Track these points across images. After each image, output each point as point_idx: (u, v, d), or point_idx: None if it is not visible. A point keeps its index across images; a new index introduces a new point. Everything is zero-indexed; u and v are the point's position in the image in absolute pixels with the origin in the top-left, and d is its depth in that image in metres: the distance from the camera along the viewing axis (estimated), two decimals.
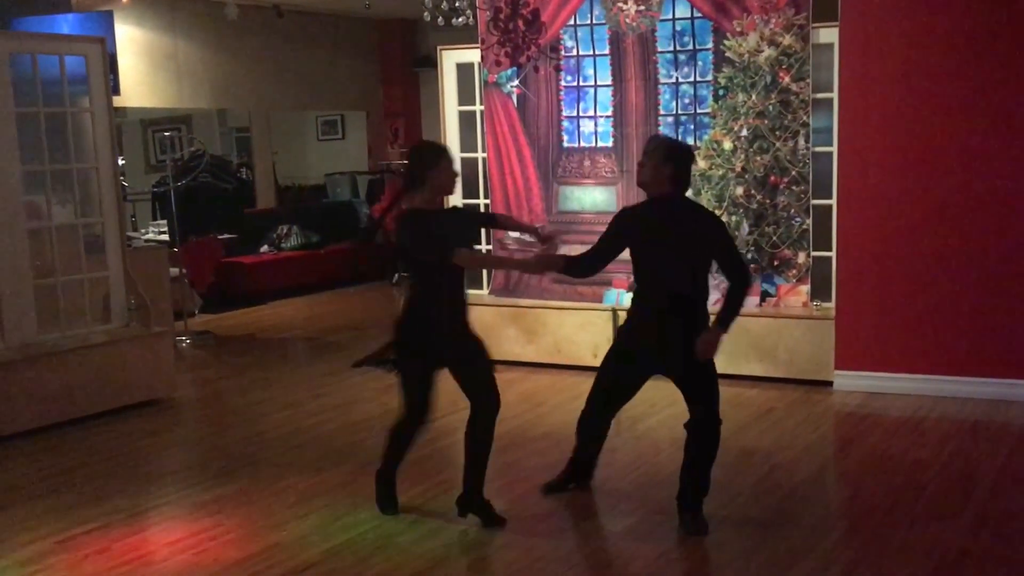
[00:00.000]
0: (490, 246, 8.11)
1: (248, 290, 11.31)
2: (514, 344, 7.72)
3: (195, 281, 10.19)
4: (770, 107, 6.98)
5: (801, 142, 6.94)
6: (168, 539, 4.62)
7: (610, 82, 7.52)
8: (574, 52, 7.60)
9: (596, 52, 7.54)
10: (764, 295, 7.12)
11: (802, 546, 4.25)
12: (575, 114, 7.68)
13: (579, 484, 4.98)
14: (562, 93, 7.69)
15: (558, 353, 7.59)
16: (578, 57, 7.60)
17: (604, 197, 7.63)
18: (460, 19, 9.12)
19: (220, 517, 4.81)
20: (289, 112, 14.12)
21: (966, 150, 6.29)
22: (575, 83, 7.65)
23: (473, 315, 8.20)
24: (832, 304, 6.84)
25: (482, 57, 7.91)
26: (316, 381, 7.59)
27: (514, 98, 7.85)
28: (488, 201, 8.09)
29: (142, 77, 11.05)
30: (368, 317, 10.46)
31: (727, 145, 7.15)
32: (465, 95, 8.28)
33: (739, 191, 7.14)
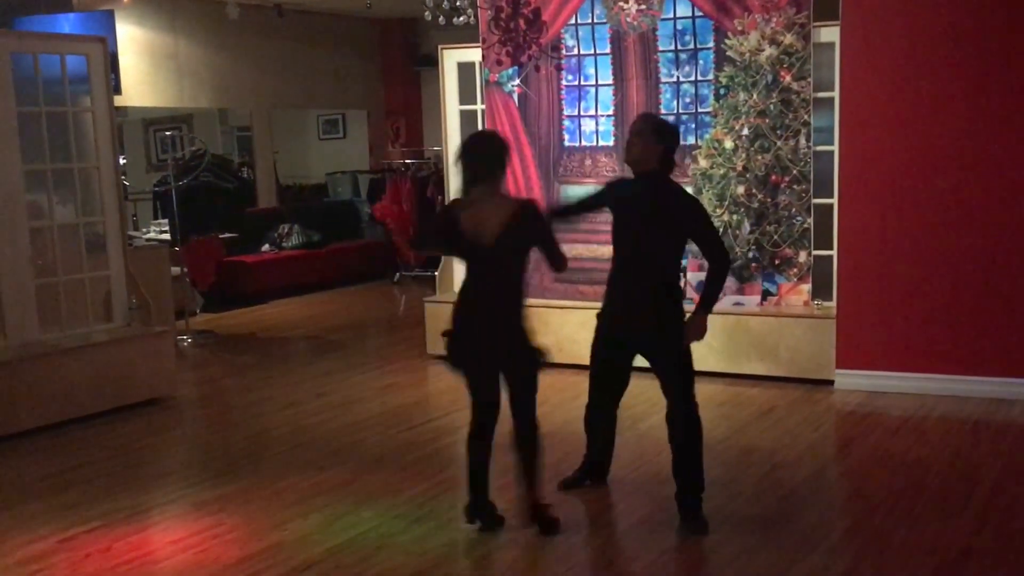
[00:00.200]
0: None
1: (249, 289, 11.31)
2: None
3: (196, 280, 10.19)
4: (771, 106, 6.98)
5: (802, 141, 6.94)
6: (170, 538, 4.62)
7: (611, 81, 7.52)
8: (575, 51, 7.60)
9: (597, 51, 7.54)
10: (765, 294, 7.12)
11: (803, 545, 4.25)
12: (576, 113, 7.68)
13: (595, 481, 5.01)
14: (563, 92, 7.68)
15: (560, 352, 7.56)
16: (579, 56, 7.60)
17: None
18: (461, 18, 9.12)
19: (221, 516, 4.82)
20: (290, 111, 14.11)
21: (967, 149, 6.29)
22: (576, 82, 7.65)
23: None
24: (833, 303, 6.84)
25: (483, 56, 7.91)
26: (317, 380, 7.59)
27: (515, 97, 7.85)
28: None
29: (143, 76, 11.05)
30: (369, 316, 10.47)
31: (728, 144, 7.15)
32: (466, 94, 8.27)
33: (740, 190, 7.14)
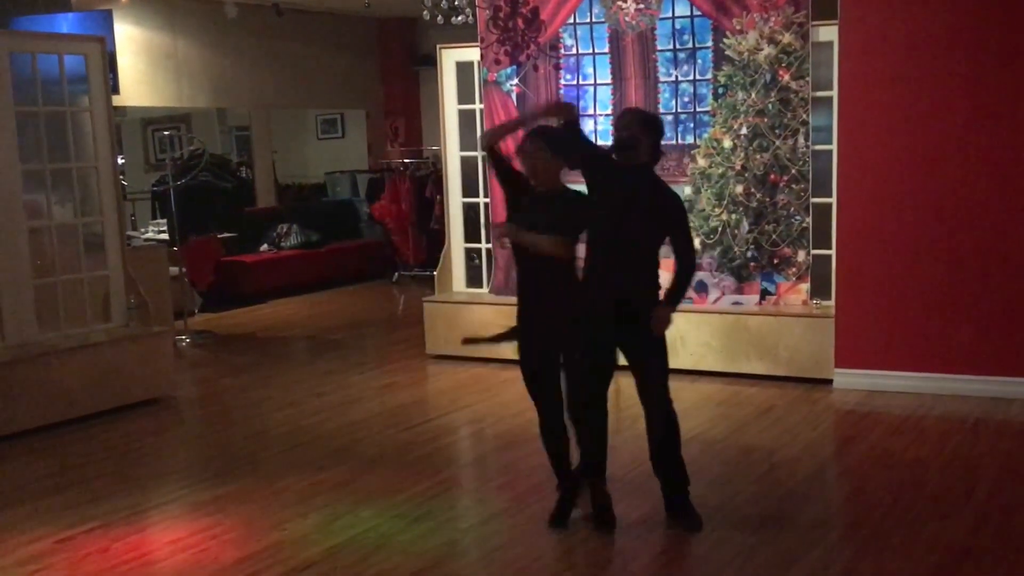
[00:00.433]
0: (489, 245, 8.12)
1: (248, 289, 11.31)
2: (514, 343, 7.68)
3: (195, 280, 10.19)
4: (770, 105, 6.98)
5: (801, 140, 6.94)
6: (168, 538, 4.62)
7: (610, 80, 7.51)
8: (574, 50, 7.60)
9: (596, 50, 7.53)
10: (764, 293, 7.12)
11: (803, 544, 4.25)
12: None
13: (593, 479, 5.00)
14: (562, 91, 7.68)
15: None
16: (578, 55, 7.59)
17: None
18: (459, 18, 9.12)
19: (220, 516, 4.81)
20: (289, 111, 14.11)
21: (966, 148, 6.29)
22: (575, 81, 7.65)
23: (472, 314, 8.27)
24: (832, 302, 6.84)
25: (482, 56, 7.91)
26: (316, 380, 7.58)
27: (514, 96, 7.84)
28: (488, 200, 8.08)
29: (141, 76, 11.05)
30: (368, 316, 10.46)
31: (727, 143, 7.15)
32: (465, 94, 8.27)
33: (739, 189, 7.14)
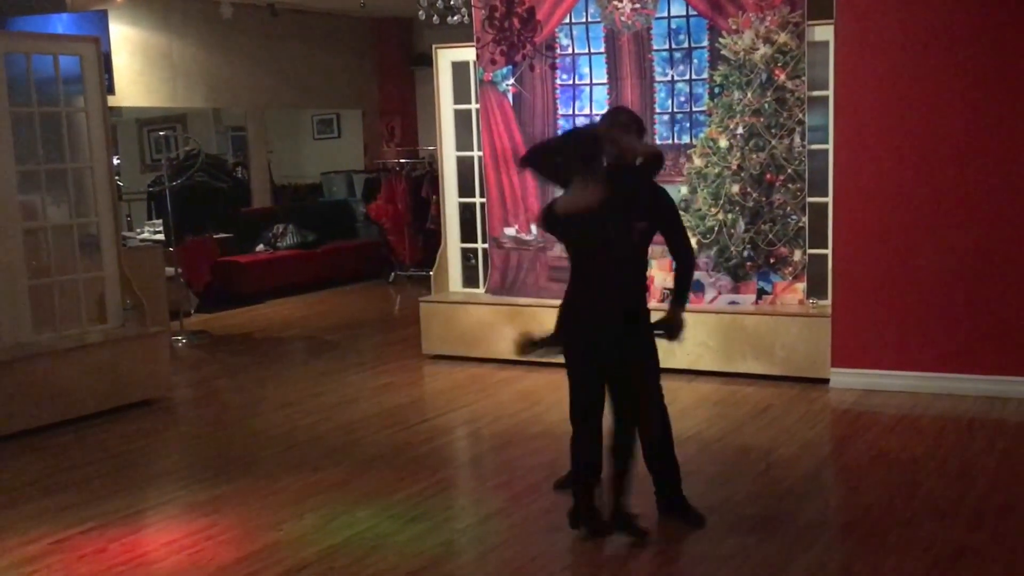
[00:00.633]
0: (485, 245, 8.12)
1: (244, 289, 11.30)
2: (511, 343, 7.67)
3: (191, 281, 10.17)
4: (766, 105, 6.98)
5: (797, 140, 6.94)
6: (165, 539, 4.61)
7: (606, 80, 7.51)
8: (569, 50, 7.60)
9: (592, 50, 7.53)
10: (760, 293, 7.12)
11: (799, 543, 4.25)
12: (571, 112, 7.67)
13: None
14: (558, 91, 7.68)
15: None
16: (573, 55, 7.59)
17: None
18: (455, 17, 9.11)
19: (217, 517, 4.81)
20: (285, 111, 14.10)
21: (961, 147, 6.29)
22: (571, 81, 7.65)
23: (469, 314, 8.27)
24: (828, 301, 6.84)
25: (477, 55, 7.91)
26: (313, 380, 7.58)
27: (510, 96, 7.84)
28: (484, 200, 8.08)
29: (137, 76, 11.03)
30: (365, 316, 10.45)
31: (723, 143, 7.15)
32: (461, 93, 8.26)
33: (735, 189, 7.14)
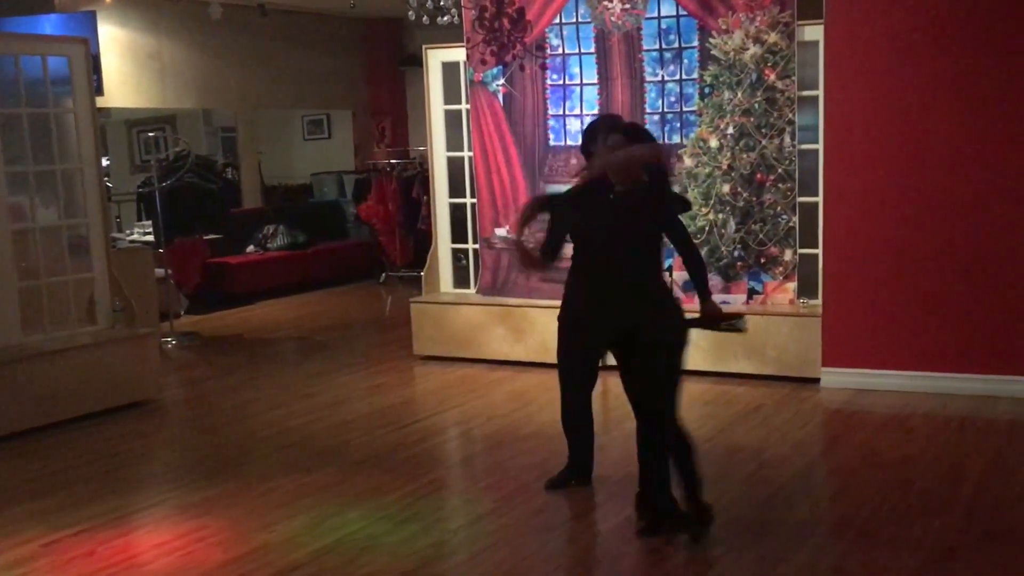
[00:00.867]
0: (476, 245, 8.11)
1: (234, 290, 11.27)
2: (502, 343, 7.72)
3: (181, 282, 10.14)
4: (756, 105, 6.99)
5: (787, 139, 6.95)
6: (155, 541, 4.59)
7: (596, 80, 7.51)
8: (560, 50, 7.59)
9: (582, 50, 7.53)
10: (751, 292, 7.13)
11: (791, 542, 4.25)
12: (561, 112, 7.67)
13: (580, 481, 5.01)
14: (548, 92, 7.68)
15: (546, 352, 7.53)
16: (564, 55, 7.59)
17: None
18: (445, 18, 9.12)
19: (207, 519, 4.79)
20: (275, 111, 14.06)
21: (952, 147, 6.31)
22: (561, 81, 7.64)
23: (460, 314, 8.26)
24: (819, 301, 6.85)
25: (467, 56, 7.90)
26: (304, 381, 7.56)
27: (500, 97, 7.83)
28: (475, 200, 8.07)
29: (126, 77, 11.00)
30: (356, 317, 10.44)
31: (713, 143, 7.16)
32: (451, 94, 8.26)
33: (725, 189, 7.14)
